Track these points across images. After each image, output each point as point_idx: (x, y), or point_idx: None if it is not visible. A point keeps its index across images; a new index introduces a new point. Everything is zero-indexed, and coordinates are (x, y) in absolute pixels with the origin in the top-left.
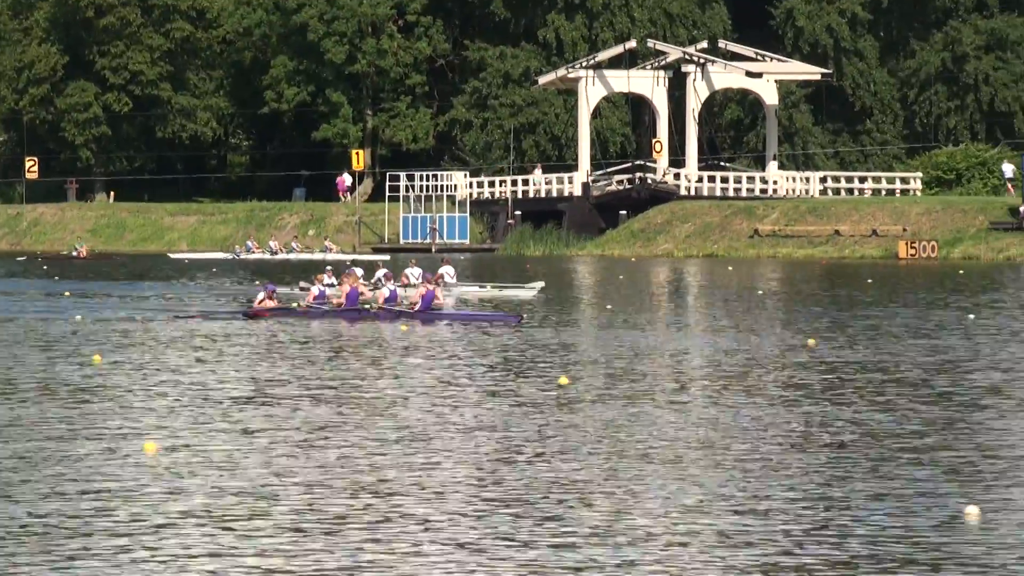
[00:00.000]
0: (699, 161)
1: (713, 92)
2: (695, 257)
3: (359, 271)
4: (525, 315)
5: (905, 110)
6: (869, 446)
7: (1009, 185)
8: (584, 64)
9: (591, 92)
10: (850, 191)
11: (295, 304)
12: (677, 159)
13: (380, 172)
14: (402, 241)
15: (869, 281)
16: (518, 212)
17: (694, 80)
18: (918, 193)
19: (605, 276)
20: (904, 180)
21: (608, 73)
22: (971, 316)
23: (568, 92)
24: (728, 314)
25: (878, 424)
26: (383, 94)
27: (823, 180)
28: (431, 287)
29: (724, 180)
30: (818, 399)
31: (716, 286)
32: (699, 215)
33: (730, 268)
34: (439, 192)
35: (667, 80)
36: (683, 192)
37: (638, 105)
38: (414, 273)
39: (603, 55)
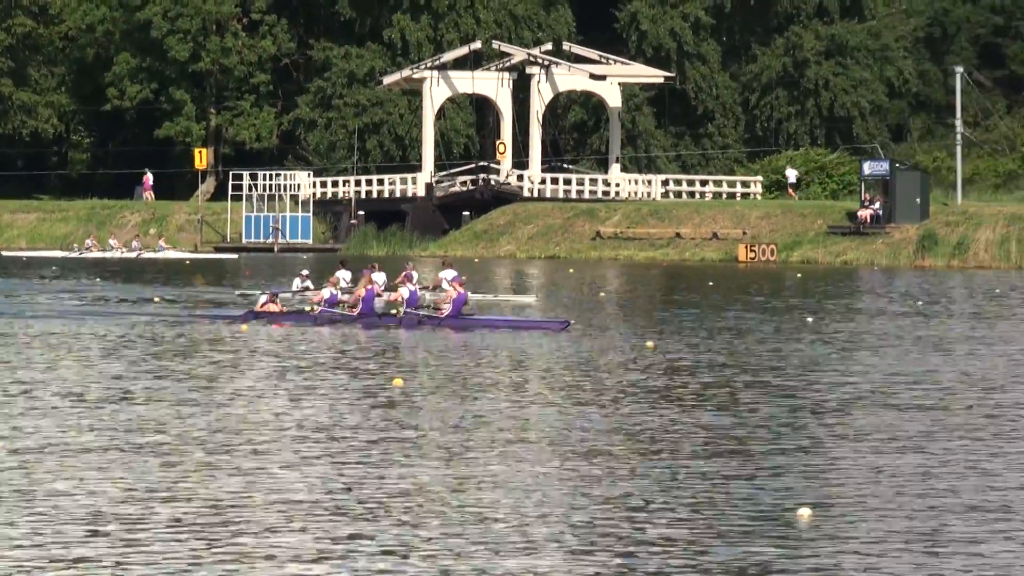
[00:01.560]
0: (542, 163)
1: (557, 94)
2: (537, 259)
3: (378, 276)
4: (572, 320)
5: (746, 114)
6: (702, 447)
7: (791, 190)
8: (429, 65)
9: (436, 93)
10: (691, 194)
11: (307, 308)
12: (521, 161)
13: (223, 171)
14: (244, 240)
15: (710, 284)
16: (361, 212)
17: (538, 82)
18: (758, 197)
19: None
20: (745, 184)
21: (453, 74)
22: (809, 319)
23: (413, 93)
24: (568, 315)
25: (712, 425)
26: (227, 92)
27: (665, 183)
28: (461, 290)
29: (567, 182)
30: (656, 400)
31: (558, 287)
32: (542, 217)
33: (572, 270)
34: (282, 192)
35: (511, 82)
36: (526, 194)
37: (482, 106)
38: (379, 279)
39: (448, 56)
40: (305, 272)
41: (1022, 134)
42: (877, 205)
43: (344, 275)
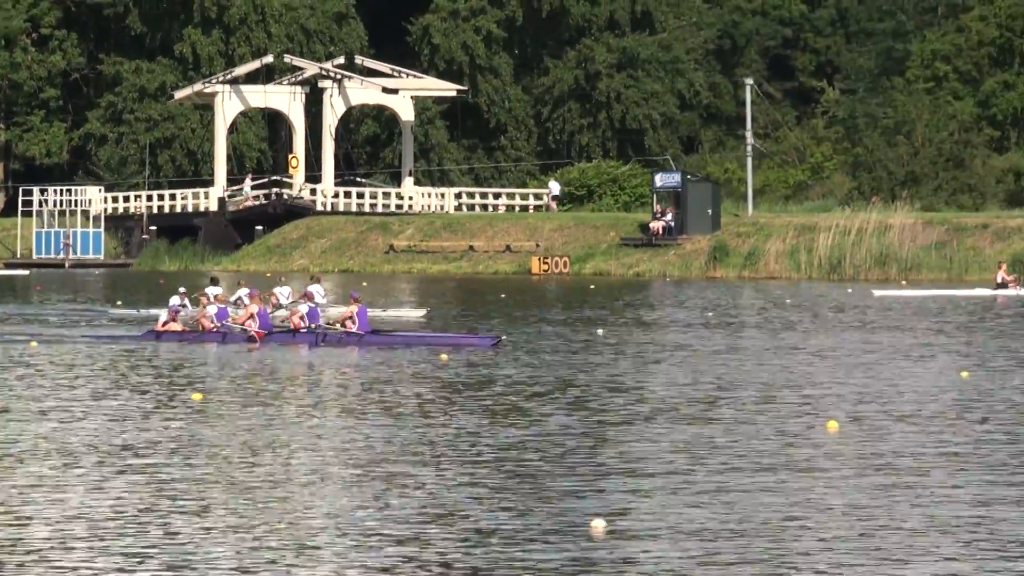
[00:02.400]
0: (335, 177)
1: (350, 108)
2: (331, 272)
3: (282, 289)
4: (505, 336)
5: (539, 127)
6: (497, 459)
7: (553, 203)
8: (221, 79)
9: (228, 107)
10: (484, 207)
11: (239, 327)
12: (313, 175)
13: (13, 186)
14: (35, 256)
15: (503, 296)
16: (153, 227)
17: (331, 96)
18: (553, 210)
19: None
20: (538, 196)
21: (245, 88)
22: (600, 331)
23: (205, 107)
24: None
25: (506, 437)
26: (16, 107)
27: (458, 196)
28: (359, 304)
29: (360, 196)
30: (450, 412)
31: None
32: (335, 230)
33: (365, 284)
34: (73, 207)
35: (304, 96)
36: (319, 207)
37: (275, 120)
38: (284, 292)
39: (240, 70)
40: (182, 289)
41: (811, 145)
42: (669, 217)
43: (282, 291)
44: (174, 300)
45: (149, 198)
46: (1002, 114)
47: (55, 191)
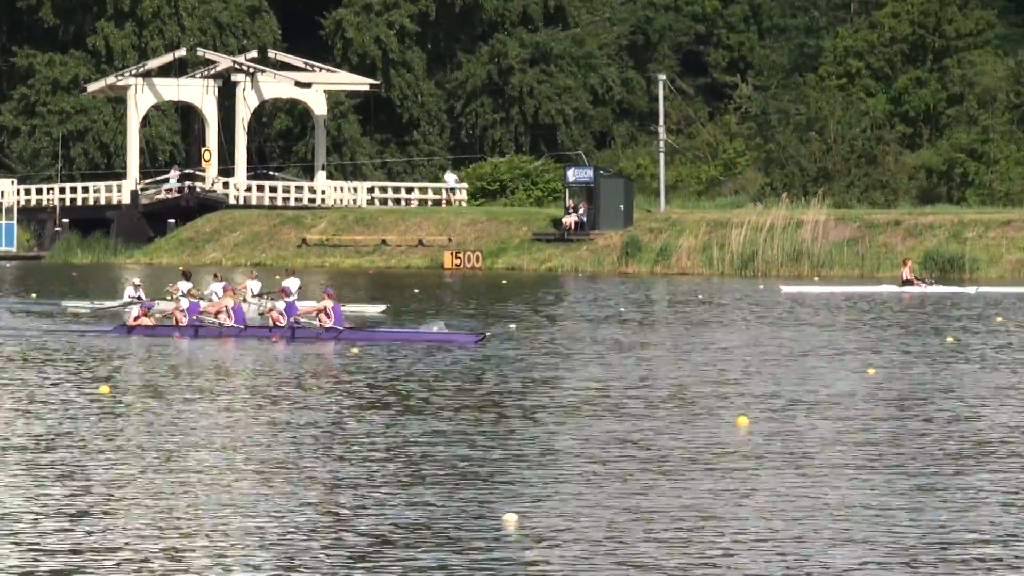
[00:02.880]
0: (248, 170)
1: (263, 101)
2: (243, 265)
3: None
4: (488, 333)
5: (452, 121)
6: (409, 453)
7: (450, 194)
8: (134, 72)
9: (140, 100)
10: (397, 201)
11: (211, 321)
12: (227, 168)
13: None
14: None
15: (416, 291)
16: (66, 220)
17: (244, 89)
18: (463, 204)
19: (152, 285)
20: (450, 191)
21: (158, 81)
22: (512, 326)
23: (118, 100)
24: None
25: (417, 433)
26: None
27: (371, 190)
28: (330, 301)
29: (273, 189)
30: (362, 407)
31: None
32: (248, 224)
33: (277, 278)
34: None
35: (217, 89)
36: (232, 201)
37: (188, 114)
38: (254, 287)
39: (153, 63)
40: (137, 281)
41: (724, 141)
42: (581, 212)
43: (253, 285)
44: (129, 291)
45: (62, 191)
46: (914, 111)
47: None
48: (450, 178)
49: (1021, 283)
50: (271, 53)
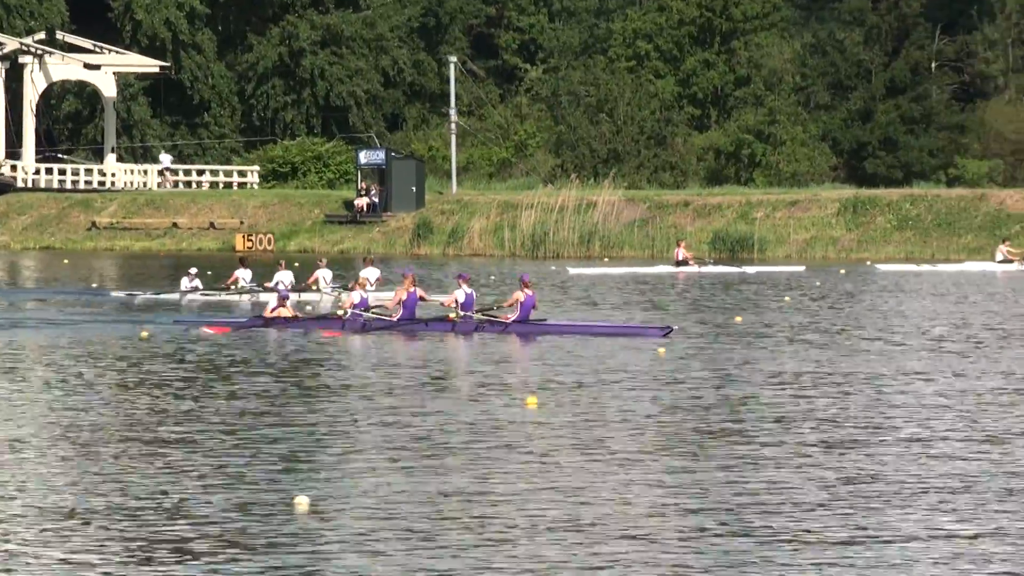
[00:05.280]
0: (36, 153)
1: (51, 84)
2: (32, 250)
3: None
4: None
5: (243, 104)
6: (202, 437)
7: (166, 175)
8: None
9: None
10: (188, 184)
11: (339, 312)
12: (14, 151)
13: None
14: None
15: (208, 273)
16: None
17: (31, 71)
18: (255, 186)
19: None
20: (242, 173)
21: None
22: (308, 308)
23: None
24: (61, 310)
25: (214, 415)
26: None
27: (161, 173)
28: (530, 291)
29: (62, 172)
30: (147, 392)
31: (53, 280)
32: (36, 207)
33: (66, 261)
34: None
35: (3, 71)
36: (20, 184)
37: None
38: (327, 276)
39: None
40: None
41: (515, 123)
42: (373, 194)
43: (324, 273)
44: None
45: None
46: (702, 92)
47: None
48: (165, 158)
49: (807, 262)
50: (59, 35)
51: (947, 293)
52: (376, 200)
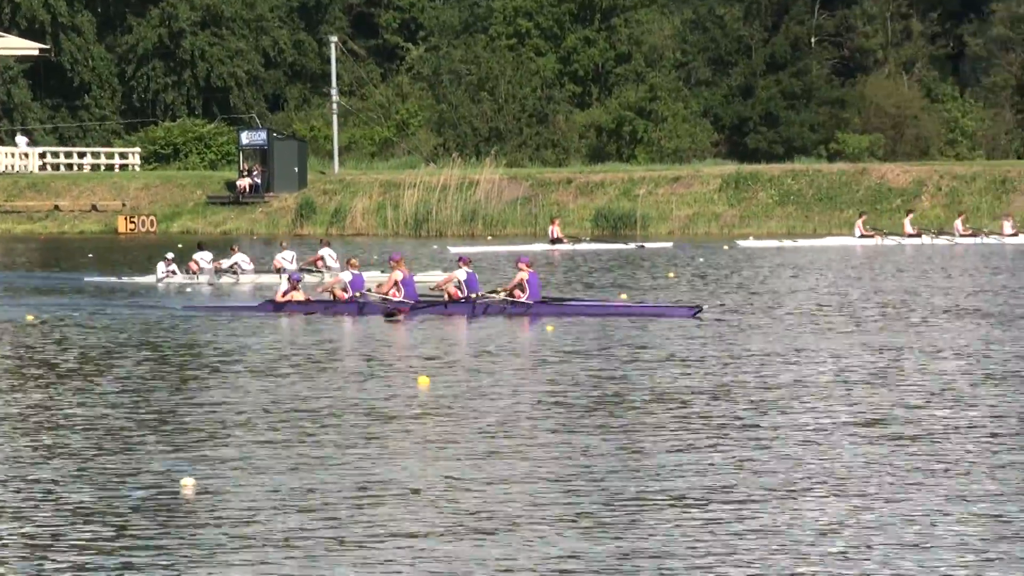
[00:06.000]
0: None
1: None
2: None
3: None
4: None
5: (123, 85)
6: (87, 420)
7: (23, 158)
8: None
9: None
10: (69, 166)
11: (331, 293)
12: None
13: None
14: None
15: (90, 255)
16: None
17: None
18: (137, 168)
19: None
20: (123, 155)
21: None
22: (188, 289)
23: None
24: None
25: (98, 398)
26: None
27: (42, 155)
28: (530, 269)
29: None
30: (38, 378)
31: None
32: None
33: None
34: None
35: None
36: None
37: None
38: (331, 254)
39: None
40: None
41: (396, 102)
42: (256, 174)
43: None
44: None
45: None
46: (583, 70)
47: None
48: (20, 140)
49: (690, 239)
50: None
51: (808, 268)
52: (258, 181)
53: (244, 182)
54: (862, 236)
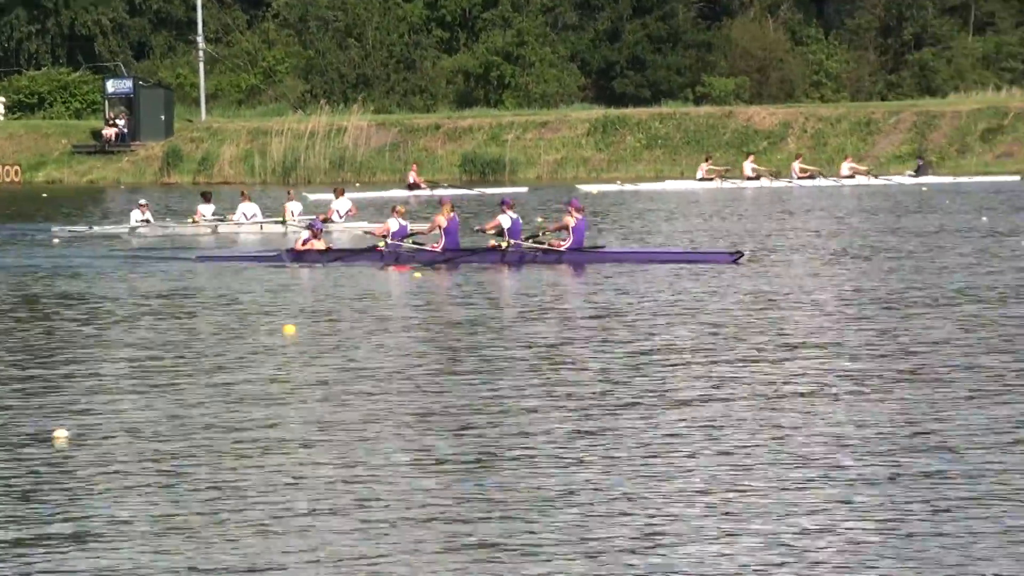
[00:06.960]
0: None
1: None
2: None
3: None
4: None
5: None
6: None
7: None
8: None
9: None
10: None
11: (379, 244)
12: None
13: None
14: None
15: None
16: None
17: None
18: (1, 118)
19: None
20: None
21: None
22: (56, 241)
23: None
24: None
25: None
26: None
27: None
28: (580, 216)
29: None
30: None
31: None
32: None
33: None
34: None
35: None
36: None
37: None
38: (341, 207)
39: None
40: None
41: (263, 49)
42: (122, 123)
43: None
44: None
45: None
46: (451, 15)
47: None
48: None
49: (557, 184)
50: None
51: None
52: (125, 130)
53: (110, 131)
54: (703, 179)
